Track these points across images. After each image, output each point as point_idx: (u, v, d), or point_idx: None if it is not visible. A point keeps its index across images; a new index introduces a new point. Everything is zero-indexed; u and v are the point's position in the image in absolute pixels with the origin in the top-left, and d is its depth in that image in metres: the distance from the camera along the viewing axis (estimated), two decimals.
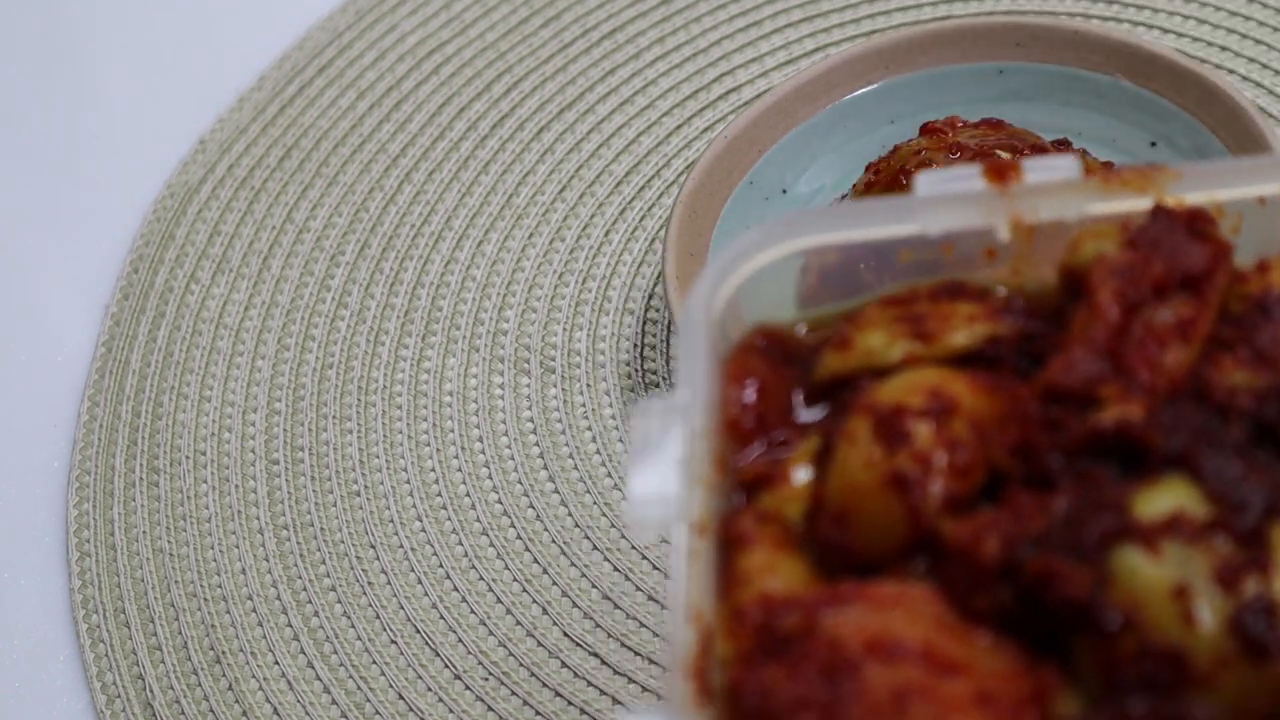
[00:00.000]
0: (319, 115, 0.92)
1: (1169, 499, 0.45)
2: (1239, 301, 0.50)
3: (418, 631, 0.73)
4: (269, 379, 0.82)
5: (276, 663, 0.73)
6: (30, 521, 0.80)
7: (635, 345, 0.80)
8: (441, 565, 0.74)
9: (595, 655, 0.71)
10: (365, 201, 0.88)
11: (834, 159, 0.81)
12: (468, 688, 0.71)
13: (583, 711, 0.70)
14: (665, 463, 0.48)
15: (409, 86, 0.92)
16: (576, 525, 0.75)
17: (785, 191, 0.80)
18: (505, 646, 0.72)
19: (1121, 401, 0.47)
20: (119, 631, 0.75)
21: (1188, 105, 0.76)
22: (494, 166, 0.88)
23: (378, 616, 0.73)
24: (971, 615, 0.45)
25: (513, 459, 0.77)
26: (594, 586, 0.73)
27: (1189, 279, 0.49)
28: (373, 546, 0.75)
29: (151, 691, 0.73)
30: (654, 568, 0.73)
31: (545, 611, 0.72)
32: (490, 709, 0.70)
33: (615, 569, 0.73)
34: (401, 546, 0.75)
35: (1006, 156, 0.71)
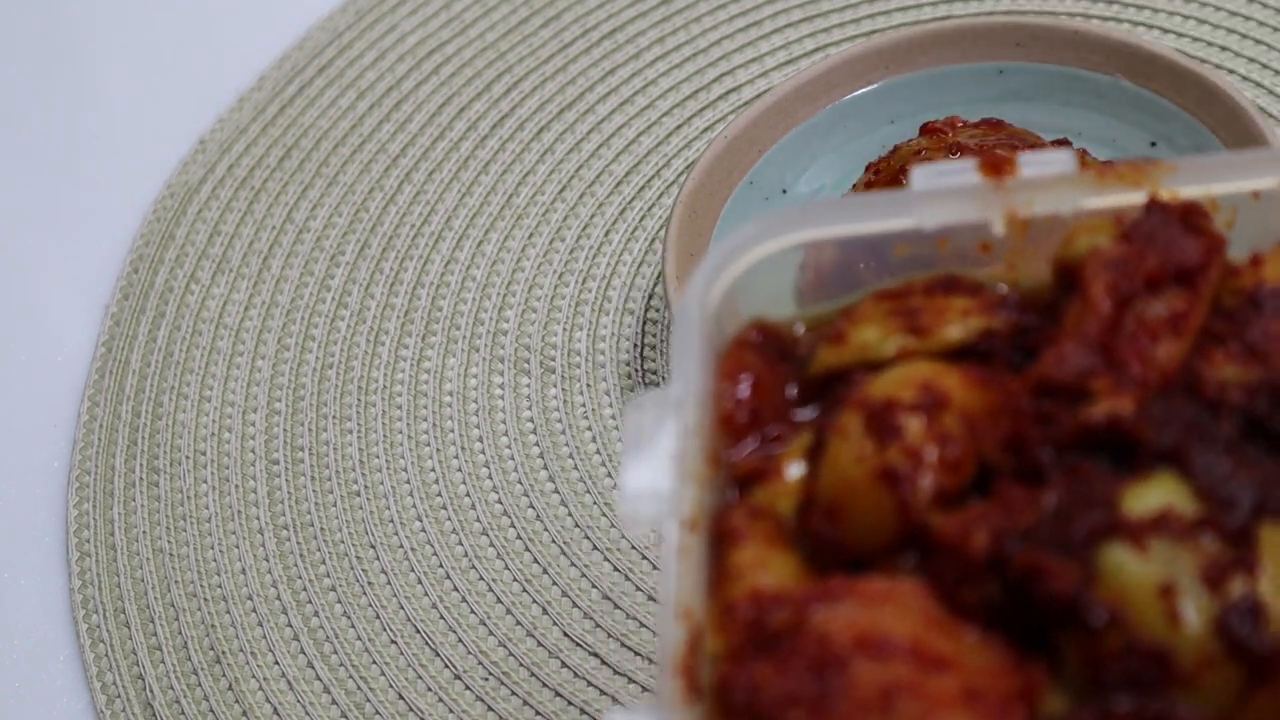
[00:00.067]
0: (319, 115, 0.92)
1: (1158, 495, 0.45)
2: (1232, 296, 0.50)
3: (418, 631, 0.73)
4: (269, 379, 0.82)
5: (276, 663, 0.73)
6: (30, 521, 0.80)
7: (635, 345, 0.80)
8: (441, 565, 0.74)
9: (595, 655, 0.71)
10: (365, 201, 0.87)
11: (834, 159, 0.80)
12: (468, 688, 0.71)
13: (583, 711, 0.70)
14: (658, 457, 0.48)
15: (409, 86, 0.92)
16: (576, 525, 0.75)
17: (785, 191, 0.80)
18: (505, 646, 0.72)
19: (1112, 395, 0.47)
20: (119, 631, 0.75)
21: (1188, 105, 0.76)
22: (494, 166, 0.88)
23: (378, 616, 0.73)
24: (960, 611, 0.45)
25: (513, 459, 0.77)
26: (594, 586, 0.73)
27: (1182, 272, 0.49)
28: (373, 546, 0.75)
29: (151, 691, 0.73)
30: (654, 568, 0.73)
31: (545, 611, 0.72)
32: (490, 709, 0.70)
33: (615, 569, 0.73)
34: (401, 546, 0.75)
35: None
